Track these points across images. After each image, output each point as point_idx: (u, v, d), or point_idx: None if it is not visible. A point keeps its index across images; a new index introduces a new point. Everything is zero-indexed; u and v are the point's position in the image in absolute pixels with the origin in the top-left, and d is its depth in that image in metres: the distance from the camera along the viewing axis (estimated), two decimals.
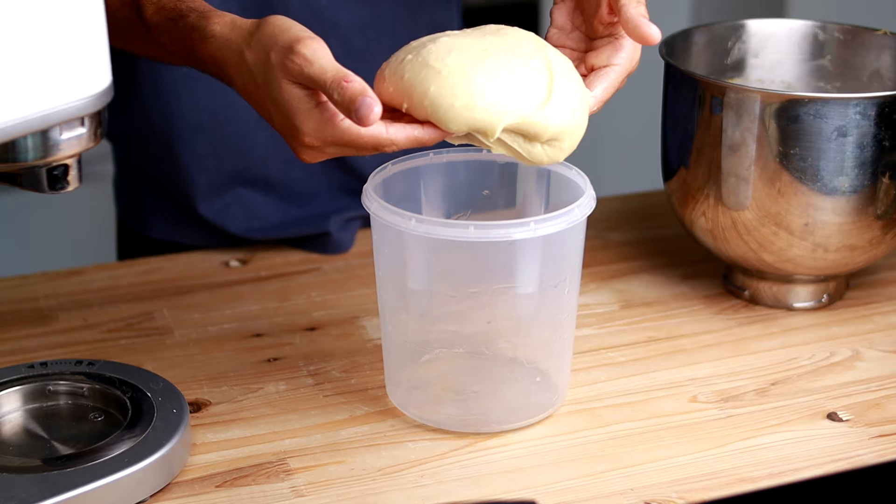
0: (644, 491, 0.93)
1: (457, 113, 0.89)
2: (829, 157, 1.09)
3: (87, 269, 1.26)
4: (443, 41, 0.92)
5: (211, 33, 0.95)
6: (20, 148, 0.80)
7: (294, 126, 0.90)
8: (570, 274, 0.98)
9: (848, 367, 1.09)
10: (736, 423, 1.02)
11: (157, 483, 0.92)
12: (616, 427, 1.01)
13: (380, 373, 1.06)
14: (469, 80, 0.89)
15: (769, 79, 1.27)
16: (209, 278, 1.24)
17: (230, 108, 1.24)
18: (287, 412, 1.02)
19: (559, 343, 1.01)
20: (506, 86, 0.90)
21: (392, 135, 0.89)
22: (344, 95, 0.86)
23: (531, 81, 0.91)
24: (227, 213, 1.29)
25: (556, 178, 1.02)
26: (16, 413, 0.99)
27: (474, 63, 0.90)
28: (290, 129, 0.91)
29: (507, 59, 0.91)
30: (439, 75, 0.90)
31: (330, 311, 1.18)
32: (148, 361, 1.09)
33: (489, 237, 0.92)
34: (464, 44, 0.92)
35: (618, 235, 1.33)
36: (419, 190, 1.03)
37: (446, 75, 0.89)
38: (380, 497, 0.93)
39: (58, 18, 0.76)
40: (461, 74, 0.89)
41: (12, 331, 1.14)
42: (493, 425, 1.00)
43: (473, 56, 0.91)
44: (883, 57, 1.23)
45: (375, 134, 0.89)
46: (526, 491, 0.93)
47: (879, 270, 1.25)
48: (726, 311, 1.18)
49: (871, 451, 0.98)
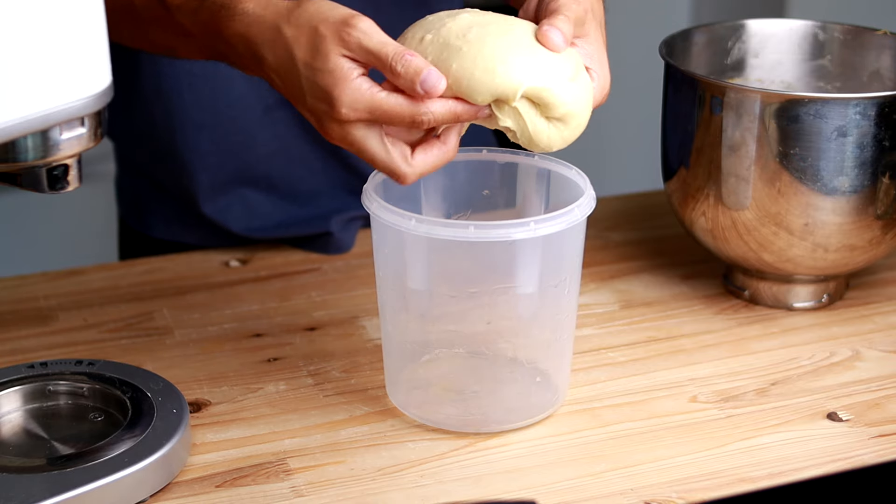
0: (644, 491, 0.93)
1: (478, 80, 0.90)
2: (829, 157, 1.09)
3: (87, 269, 1.26)
4: (463, 17, 0.93)
5: (242, 11, 0.95)
6: (20, 148, 0.80)
7: (332, 97, 0.90)
8: (570, 274, 0.98)
9: (848, 367, 1.09)
10: (736, 423, 1.02)
11: (157, 483, 0.92)
12: (616, 427, 1.01)
13: (380, 373, 1.06)
14: (490, 49, 0.91)
15: (769, 79, 1.27)
16: (209, 278, 1.24)
17: (232, 107, 1.24)
18: (287, 412, 1.02)
19: (559, 343, 1.01)
20: (529, 54, 0.91)
21: (430, 105, 0.91)
22: (409, 68, 0.89)
23: (554, 55, 0.92)
24: (229, 212, 1.29)
25: (556, 178, 1.02)
26: (16, 413, 0.99)
27: (496, 34, 0.92)
28: (326, 101, 0.91)
29: (531, 34, 0.92)
30: (460, 52, 0.91)
31: (330, 311, 1.18)
32: (148, 361, 1.09)
33: (489, 237, 0.92)
34: (485, 20, 0.93)
35: (618, 235, 1.33)
36: (419, 190, 1.03)
37: (467, 51, 0.91)
38: (380, 497, 0.93)
39: (58, 18, 0.76)
40: (482, 44, 0.91)
41: (12, 331, 1.14)
42: (493, 425, 1.00)
43: (496, 29, 0.92)
44: (883, 57, 1.23)
45: (415, 103, 0.90)
46: (526, 491, 0.93)
47: (879, 270, 1.25)
48: (726, 311, 1.18)
49: (871, 451, 0.98)
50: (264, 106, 1.25)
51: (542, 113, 0.92)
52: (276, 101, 1.25)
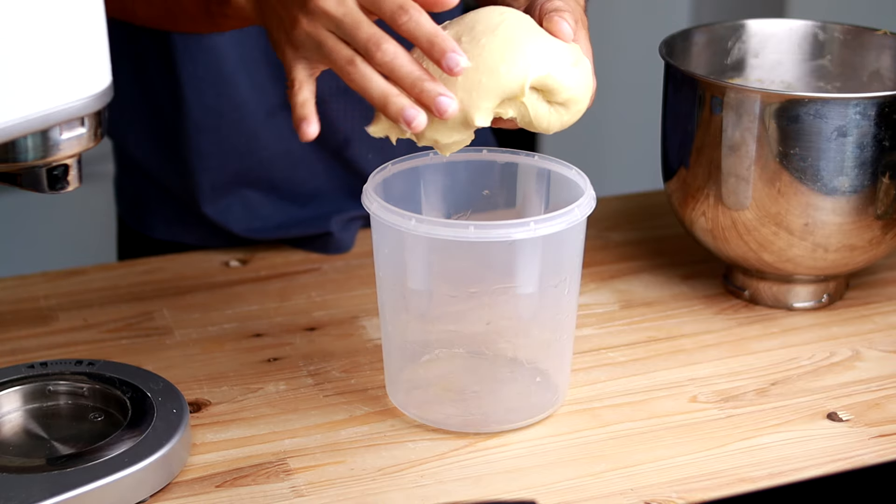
0: (644, 491, 0.93)
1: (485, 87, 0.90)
2: (829, 157, 1.09)
3: (87, 269, 1.26)
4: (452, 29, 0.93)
5: None
6: (20, 148, 0.80)
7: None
8: (570, 274, 0.98)
9: (848, 367, 1.09)
10: (736, 423, 1.02)
11: (157, 483, 0.92)
12: (616, 427, 1.01)
13: (380, 373, 1.06)
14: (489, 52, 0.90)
15: (769, 79, 1.27)
16: (209, 278, 1.24)
17: (235, 110, 1.24)
18: (287, 412, 1.02)
19: (559, 343, 1.01)
20: (531, 44, 0.91)
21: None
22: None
23: (555, 42, 0.93)
24: (230, 213, 1.29)
25: (556, 178, 1.02)
26: (16, 413, 0.99)
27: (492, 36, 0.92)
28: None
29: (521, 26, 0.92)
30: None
31: (330, 311, 1.18)
32: (148, 361, 1.09)
33: (489, 237, 0.92)
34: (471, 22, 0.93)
35: (618, 235, 1.33)
36: (419, 190, 1.03)
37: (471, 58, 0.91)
38: (380, 497, 0.93)
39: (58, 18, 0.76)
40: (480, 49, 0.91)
41: (12, 331, 1.14)
42: (493, 425, 1.00)
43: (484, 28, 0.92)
44: (883, 57, 1.23)
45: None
46: (526, 491, 0.93)
47: (879, 270, 1.25)
48: (726, 311, 1.19)
49: (871, 451, 0.98)
50: (267, 109, 1.25)
51: (545, 97, 0.92)
52: (280, 104, 1.25)
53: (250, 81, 1.23)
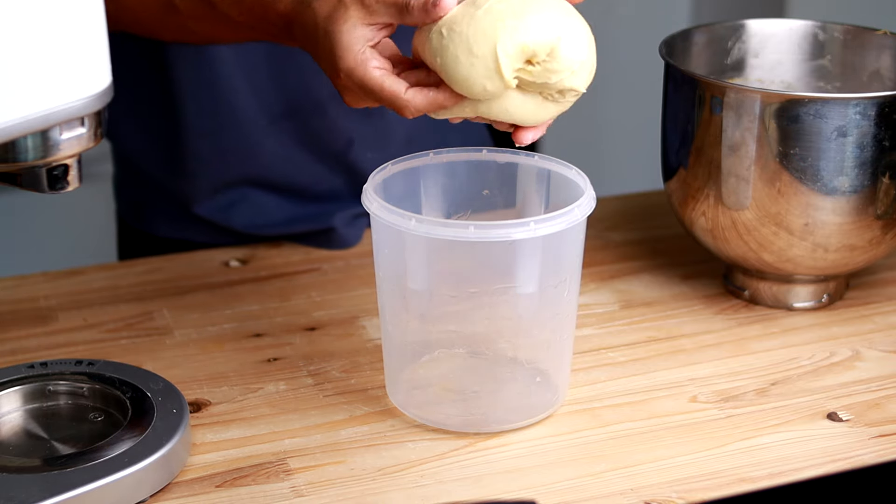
0: (644, 491, 0.93)
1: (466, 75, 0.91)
2: (829, 157, 1.09)
3: (87, 269, 1.26)
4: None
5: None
6: (20, 148, 0.80)
7: (335, 66, 0.93)
8: (570, 274, 0.98)
9: (848, 367, 1.09)
10: (736, 423, 1.02)
11: (157, 483, 0.92)
12: (616, 427, 1.01)
13: (380, 373, 1.06)
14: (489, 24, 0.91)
15: (769, 79, 1.27)
16: (209, 278, 1.24)
17: (236, 116, 1.24)
18: (287, 412, 1.03)
19: (559, 343, 1.01)
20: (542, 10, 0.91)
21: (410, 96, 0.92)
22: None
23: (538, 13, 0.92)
24: (232, 210, 1.29)
25: (556, 178, 1.02)
26: (16, 413, 0.99)
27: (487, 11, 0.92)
28: (333, 69, 0.94)
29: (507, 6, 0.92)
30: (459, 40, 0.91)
31: (330, 311, 1.18)
32: (148, 361, 1.09)
33: (489, 237, 0.92)
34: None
35: (618, 235, 1.33)
36: (419, 190, 1.03)
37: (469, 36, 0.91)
38: (380, 497, 0.93)
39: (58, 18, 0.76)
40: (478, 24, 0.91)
41: (12, 331, 1.14)
42: (493, 425, 1.00)
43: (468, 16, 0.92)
44: (883, 57, 1.23)
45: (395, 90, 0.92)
46: (526, 491, 0.93)
47: (879, 270, 1.25)
48: (726, 311, 1.19)
49: (871, 451, 0.98)
50: (269, 116, 1.25)
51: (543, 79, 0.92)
52: (282, 111, 1.25)
53: (250, 87, 1.23)
